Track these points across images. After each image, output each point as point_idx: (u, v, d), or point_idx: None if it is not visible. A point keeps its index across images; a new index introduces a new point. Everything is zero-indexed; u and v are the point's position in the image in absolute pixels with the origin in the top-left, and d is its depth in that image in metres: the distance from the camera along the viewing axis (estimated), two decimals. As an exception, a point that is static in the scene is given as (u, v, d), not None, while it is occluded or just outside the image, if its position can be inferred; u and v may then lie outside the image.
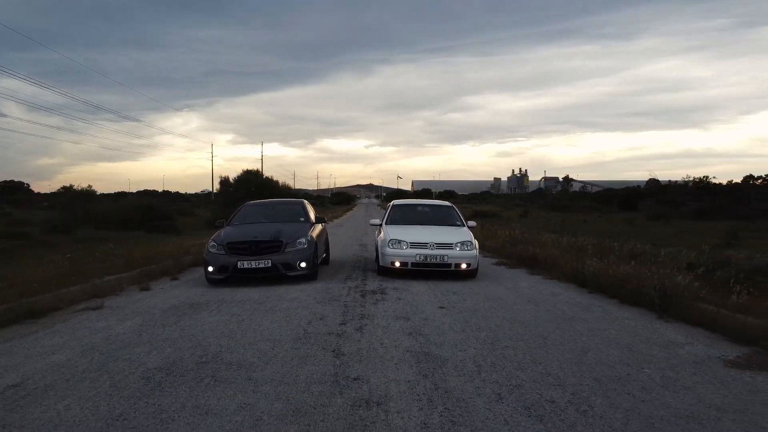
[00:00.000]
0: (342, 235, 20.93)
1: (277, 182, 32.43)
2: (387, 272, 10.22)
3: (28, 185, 64.15)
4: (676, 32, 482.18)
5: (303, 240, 9.90)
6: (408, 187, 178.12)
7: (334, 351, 5.09)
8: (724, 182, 45.99)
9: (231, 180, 30.31)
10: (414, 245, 10.07)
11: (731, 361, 4.91)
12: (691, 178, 45.06)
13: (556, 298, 8.13)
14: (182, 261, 11.89)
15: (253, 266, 9.46)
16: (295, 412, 3.62)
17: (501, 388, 4.11)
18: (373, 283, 9.44)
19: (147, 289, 9.01)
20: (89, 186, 25.89)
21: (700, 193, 38.08)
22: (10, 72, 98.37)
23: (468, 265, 9.99)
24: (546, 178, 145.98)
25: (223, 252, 9.61)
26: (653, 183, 55.14)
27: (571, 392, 4.04)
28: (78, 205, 19.72)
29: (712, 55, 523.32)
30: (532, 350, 5.19)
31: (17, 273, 8.92)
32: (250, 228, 10.49)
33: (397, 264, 10.06)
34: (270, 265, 9.49)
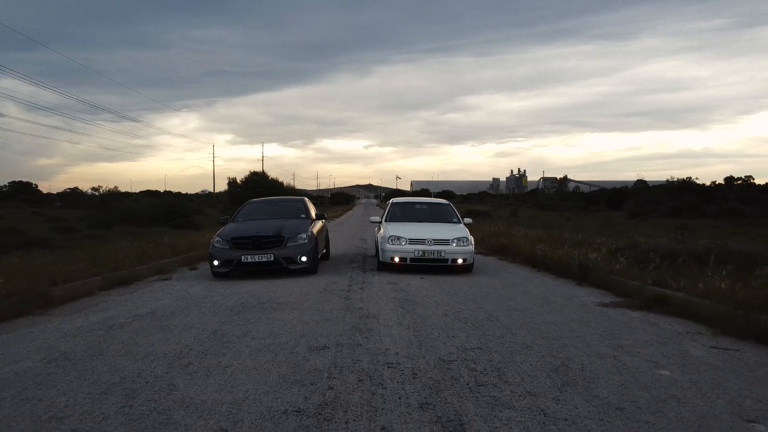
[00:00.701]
0: (343, 232, 23.77)
1: (281, 183, 35.29)
2: (386, 267, 10.96)
3: (36, 185, 66.92)
4: (674, 32, 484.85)
5: (304, 235, 10.52)
6: (407, 188, 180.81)
7: (345, 297, 7.89)
8: (708, 182, 49.20)
9: (239, 181, 33.13)
10: (412, 241, 10.68)
11: (604, 304, 7.67)
12: (675, 179, 48.20)
13: (510, 273, 10.92)
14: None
15: (256, 260, 10.08)
16: (325, 320, 6.39)
17: (448, 312, 6.89)
18: (372, 266, 12.17)
19: (195, 268, 11.77)
20: (115, 187, 28.83)
21: (682, 193, 40.93)
22: (10, 71, 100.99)
23: (464, 260, 10.61)
24: (544, 179, 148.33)
25: (227, 247, 10.25)
26: (641, 183, 58.18)
27: (489, 314, 6.81)
28: (111, 203, 22.54)
29: (710, 55, 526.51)
30: (476, 299, 7.96)
31: (92, 257, 11.66)
32: (253, 224, 11.11)
33: (397, 259, 10.70)
34: (272, 258, 10.09)
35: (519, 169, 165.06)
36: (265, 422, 3.40)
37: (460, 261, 10.59)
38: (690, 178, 46.73)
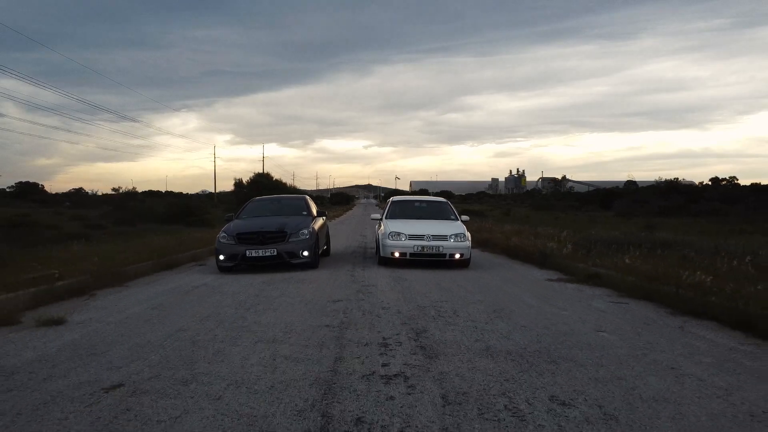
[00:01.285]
0: (345, 230, 26.23)
1: (285, 184, 37.72)
2: (387, 262, 11.69)
3: (42, 186, 69.32)
4: (674, 32, 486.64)
5: (305, 231, 11.20)
6: (406, 188, 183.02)
7: (351, 275, 10.33)
8: (696, 183, 51.72)
9: (244, 182, 35.58)
10: (412, 237, 11.29)
11: (551, 279, 10.06)
12: (663, 179, 50.77)
13: (486, 260, 13.31)
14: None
15: (260, 254, 10.72)
16: (337, 287, 8.80)
17: (430, 284, 9.28)
18: (372, 256, 14.54)
19: (221, 257, 14.14)
20: (134, 188, 31.35)
21: (670, 193, 43.35)
22: (9, 71, 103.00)
23: (461, 255, 11.26)
24: (543, 179, 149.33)
25: (233, 242, 10.88)
26: (630, 184, 60.94)
27: (459, 285, 9.20)
28: (129, 203, 25.04)
29: (710, 56, 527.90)
30: (453, 277, 10.32)
31: (134, 248, 14.03)
32: (257, 220, 11.76)
33: (397, 254, 11.31)
34: (275, 253, 10.74)
35: (518, 169, 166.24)
36: (308, 329, 5.80)
37: (457, 256, 11.28)
38: (677, 178, 49.48)
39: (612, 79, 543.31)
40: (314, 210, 13.14)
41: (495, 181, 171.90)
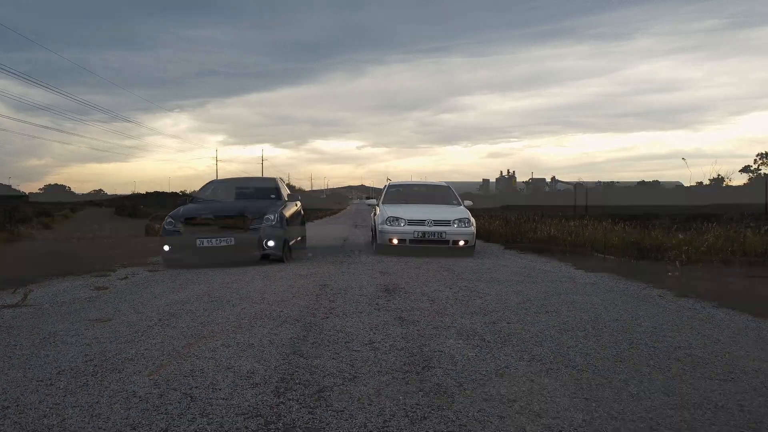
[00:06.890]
0: (339, 223, 29.84)
1: (293, 186, 41.59)
2: (384, 250, 10.16)
3: (70, 188, 72.16)
4: (668, 33, 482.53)
5: (271, 216, 8.67)
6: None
7: (344, 239, 13.73)
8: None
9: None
10: (412, 222, 9.82)
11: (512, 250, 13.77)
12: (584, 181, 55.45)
13: None
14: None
15: (214, 245, 8.24)
16: (333, 249, 12.22)
17: (416, 264, 12.65)
18: (358, 232, 18.06)
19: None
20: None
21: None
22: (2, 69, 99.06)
23: (465, 241, 9.72)
24: (533, 179, 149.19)
25: (179, 228, 8.40)
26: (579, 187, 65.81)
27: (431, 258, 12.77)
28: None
29: (704, 56, 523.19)
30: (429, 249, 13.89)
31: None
32: (213, 204, 9.55)
33: (395, 241, 9.81)
34: (233, 243, 8.27)
35: (509, 170, 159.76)
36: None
37: (461, 243, 9.76)
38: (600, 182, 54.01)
39: (606, 79, 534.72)
40: (284, 193, 10.44)
41: (486, 181, 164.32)
